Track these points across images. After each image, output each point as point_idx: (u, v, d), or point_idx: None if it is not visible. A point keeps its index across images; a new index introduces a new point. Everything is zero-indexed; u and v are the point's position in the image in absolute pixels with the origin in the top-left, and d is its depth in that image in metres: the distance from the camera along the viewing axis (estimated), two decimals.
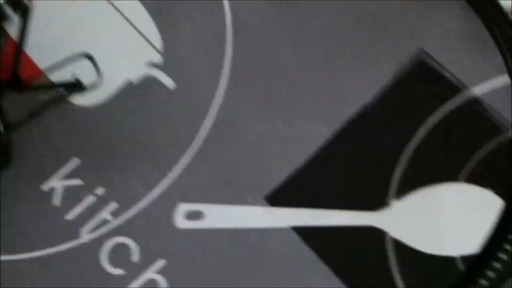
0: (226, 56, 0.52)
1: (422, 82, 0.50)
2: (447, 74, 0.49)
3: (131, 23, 0.53)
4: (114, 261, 0.47)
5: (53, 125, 0.50)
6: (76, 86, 0.47)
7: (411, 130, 0.48)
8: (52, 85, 0.48)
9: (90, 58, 0.47)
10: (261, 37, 0.52)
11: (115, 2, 0.54)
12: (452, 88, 0.49)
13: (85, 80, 0.49)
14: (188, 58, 0.52)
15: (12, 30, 0.50)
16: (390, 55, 0.51)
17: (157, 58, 0.52)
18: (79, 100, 0.51)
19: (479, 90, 0.49)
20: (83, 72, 0.49)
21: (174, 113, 0.51)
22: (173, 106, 0.51)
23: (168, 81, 0.52)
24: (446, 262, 0.45)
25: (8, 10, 0.49)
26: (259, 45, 0.52)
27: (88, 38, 0.53)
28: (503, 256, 0.39)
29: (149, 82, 0.52)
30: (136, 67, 0.52)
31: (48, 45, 0.51)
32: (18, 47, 0.47)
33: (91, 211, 0.48)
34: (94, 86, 0.47)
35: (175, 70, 0.52)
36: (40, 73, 0.49)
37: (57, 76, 0.50)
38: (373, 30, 0.51)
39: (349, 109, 0.49)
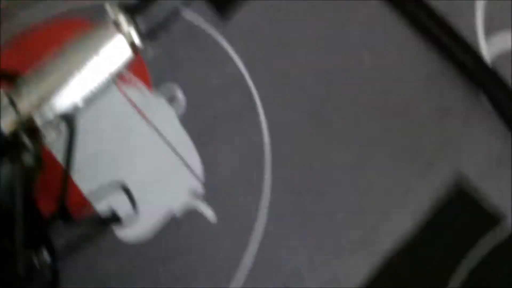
0: (265, 183, 0.52)
1: (460, 211, 0.50)
2: (485, 202, 0.49)
3: (173, 149, 0.54)
4: None
5: (97, 258, 0.50)
6: (112, 219, 0.47)
7: (451, 265, 0.48)
8: (92, 220, 0.49)
9: (126, 190, 0.47)
10: (299, 161, 0.53)
11: (159, 128, 0.55)
12: (491, 218, 0.49)
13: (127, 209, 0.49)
14: (229, 185, 0.53)
15: (59, 155, 0.51)
16: (428, 181, 0.51)
17: (199, 187, 0.52)
18: (124, 233, 0.51)
19: None
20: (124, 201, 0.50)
21: (216, 246, 0.51)
22: (215, 239, 0.52)
23: (210, 214, 0.52)
24: None
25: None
26: (296, 169, 0.53)
27: (131, 164, 0.54)
28: None
29: (191, 216, 0.52)
30: (177, 196, 0.53)
31: (93, 172, 0.52)
32: (66, 174, 0.48)
33: None
34: (130, 219, 0.48)
35: (216, 200, 0.53)
36: (84, 200, 0.50)
37: (101, 205, 0.50)
38: (410, 155, 0.52)
39: (386, 244, 0.50)
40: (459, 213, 0.50)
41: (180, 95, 0.56)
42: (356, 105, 0.54)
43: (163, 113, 0.56)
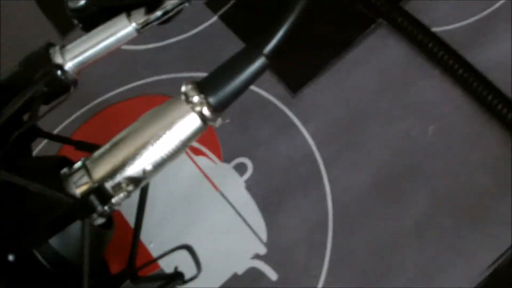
0: (327, 249, 0.53)
1: None
2: None
3: (239, 214, 0.56)
4: None
5: None
6: (177, 278, 0.49)
7: None
8: (159, 278, 0.51)
9: (190, 250, 0.49)
10: (360, 226, 0.54)
11: (225, 193, 0.57)
12: None
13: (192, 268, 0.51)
14: (291, 248, 0.55)
15: (130, 217, 0.53)
16: (487, 245, 0.51)
17: (262, 249, 0.54)
18: None
19: None
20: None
21: None
22: None
23: (271, 273, 0.53)
24: None
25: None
26: (358, 233, 0.54)
27: (199, 227, 0.56)
28: None
29: (253, 274, 0.54)
30: (242, 259, 0.55)
31: (162, 234, 0.55)
32: (135, 235, 0.50)
33: None
34: (192, 279, 0.49)
35: (278, 261, 0.54)
36: (151, 260, 0.52)
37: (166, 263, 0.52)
38: (470, 219, 0.52)
39: None
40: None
41: (248, 164, 0.58)
42: (419, 174, 0.55)
43: (231, 181, 0.59)
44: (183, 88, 0.43)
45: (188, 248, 0.49)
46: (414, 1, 0.61)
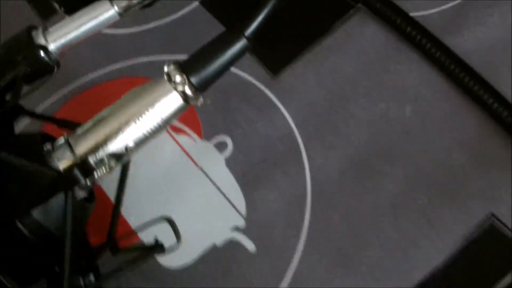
0: (304, 223, 0.55)
1: (491, 248, 0.52)
2: None
3: (219, 189, 0.58)
4: None
5: (140, 283, 0.54)
6: (157, 248, 0.51)
7: None
8: (138, 249, 0.52)
9: (170, 222, 0.51)
10: (338, 202, 0.56)
11: (205, 169, 0.59)
12: None
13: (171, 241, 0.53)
14: (269, 222, 0.56)
15: (110, 192, 0.55)
16: (461, 219, 0.53)
17: (241, 222, 0.56)
18: (166, 261, 0.55)
19: None
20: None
21: (254, 275, 0.54)
22: (253, 268, 0.54)
23: (250, 245, 0.55)
24: None
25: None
26: (336, 209, 0.56)
27: (179, 202, 0.58)
28: None
29: (231, 245, 0.56)
30: (221, 232, 0.56)
31: (143, 208, 0.56)
32: (116, 209, 0.52)
33: None
34: (172, 250, 0.51)
35: (256, 234, 0.56)
36: (131, 232, 0.54)
37: (146, 235, 0.54)
38: (445, 195, 0.54)
39: (418, 275, 0.52)
40: (489, 249, 0.52)
41: (228, 141, 0.60)
42: (396, 153, 0.57)
43: (211, 158, 0.60)
44: (166, 68, 0.45)
45: (168, 220, 0.50)
46: None
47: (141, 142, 0.46)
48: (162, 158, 0.60)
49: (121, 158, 0.46)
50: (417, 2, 0.62)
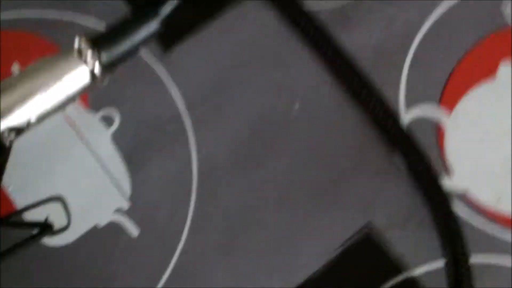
0: (190, 207, 0.55)
1: (367, 257, 0.54)
2: (391, 252, 0.53)
3: (104, 167, 0.56)
4: None
5: (28, 264, 0.53)
6: (46, 228, 0.49)
7: None
8: (24, 224, 0.50)
9: (62, 201, 0.49)
10: (224, 192, 0.56)
11: (90, 143, 0.57)
12: (395, 266, 0.53)
13: (60, 219, 0.51)
14: (154, 204, 0.56)
15: None
16: (341, 226, 0.55)
17: (125, 204, 0.55)
18: (50, 240, 0.53)
19: (420, 270, 0.53)
20: (58, 213, 0.52)
21: (137, 259, 0.54)
22: (136, 252, 0.54)
23: (132, 228, 0.54)
24: None
25: None
26: (222, 197, 0.56)
27: (63, 180, 0.56)
28: None
29: (114, 227, 0.55)
30: (104, 213, 0.55)
31: (25, 184, 0.54)
32: None
33: None
34: (62, 230, 0.50)
35: (140, 217, 0.55)
36: (16, 211, 0.52)
37: (33, 216, 0.52)
38: (327, 200, 0.56)
39: (296, 279, 0.53)
40: (365, 258, 0.54)
41: (116, 116, 0.59)
42: (282, 149, 0.57)
43: (97, 132, 0.59)
44: (77, 42, 0.43)
45: (61, 200, 0.49)
46: None
47: (42, 118, 0.44)
48: (43, 126, 0.57)
49: (21, 133, 0.44)
50: None
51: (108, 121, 0.59)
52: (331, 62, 0.59)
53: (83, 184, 0.57)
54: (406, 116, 0.57)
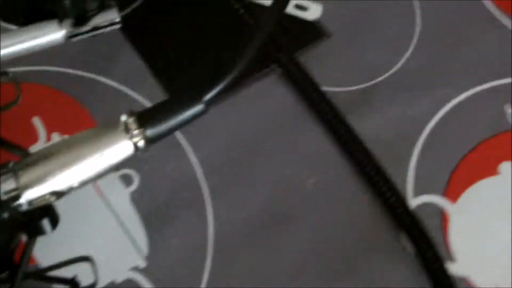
0: (205, 271, 0.57)
1: None
2: None
3: (122, 225, 0.58)
4: None
5: None
6: (75, 286, 0.51)
7: None
8: (56, 280, 0.52)
9: (91, 261, 0.51)
10: (240, 261, 0.58)
11: (109, 200, 0.59)
12: None
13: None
14: (170, 266, 0.58)
15: None
16: None
17: (142, 263, 0.57)
18: None
19: None
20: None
21: None
22: None
23: (148, 286, 0.56)
24: None
25: None
26: (237, 266, 0.58)
27: (81, 234, 0.58)
28: None
29: (130, 284, 0.57)
30: (121, 269, 0.57)
31: (44, 239, 0.56)
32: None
33: None
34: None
35: (156, 277, 0.57)
36: (50, 267, 0.53)
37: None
38: (339, 276, 0.58)
39: None
40: None
41: (135, 176, 0.61)
42: (297, 222, 0.60)
43: (116, 190, 0.61)
44: (124, 118, 0.46)
45: (90, 260, 0.51)
46: (309, 54, 0.68)
47: (84, 184, 0.46)
48: None
49: (62, 196, 0.46)
50: (331, 77, 0.67)
51: (127, 180, 0.61)
52: (345, 145, 0.63)
53: (101, 240, 0.58)
54: (412, 202, 0.61)
